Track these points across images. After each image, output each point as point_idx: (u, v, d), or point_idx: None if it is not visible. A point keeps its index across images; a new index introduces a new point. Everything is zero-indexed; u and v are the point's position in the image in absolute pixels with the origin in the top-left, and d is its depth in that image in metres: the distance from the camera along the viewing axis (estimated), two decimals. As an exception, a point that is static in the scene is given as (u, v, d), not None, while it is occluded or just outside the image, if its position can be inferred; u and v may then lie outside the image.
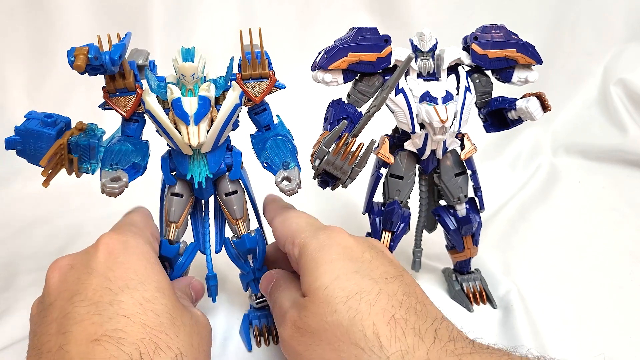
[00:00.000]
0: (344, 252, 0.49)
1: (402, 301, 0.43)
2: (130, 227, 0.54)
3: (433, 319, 0.43)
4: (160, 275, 0.49)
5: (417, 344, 0.39)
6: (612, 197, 1.05)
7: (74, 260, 0.49)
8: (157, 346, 0.41)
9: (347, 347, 0.41)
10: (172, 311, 0.45)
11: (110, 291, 0.44)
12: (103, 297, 0.43)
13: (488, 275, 0.75)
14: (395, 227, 0.67)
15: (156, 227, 0.59)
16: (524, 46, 0.63)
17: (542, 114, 0.61)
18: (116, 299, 0.43)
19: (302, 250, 0.51)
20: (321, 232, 0.52)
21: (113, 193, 0.56)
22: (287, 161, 0.60)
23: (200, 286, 0.61)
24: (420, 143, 0.63)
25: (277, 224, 0.57)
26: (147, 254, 0.51)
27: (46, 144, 0.53)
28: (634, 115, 1.26)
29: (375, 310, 0.42)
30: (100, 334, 0.40)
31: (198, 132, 0.52)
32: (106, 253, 0.48)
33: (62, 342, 0.40)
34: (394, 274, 0.47)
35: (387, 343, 0.40)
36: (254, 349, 0.62)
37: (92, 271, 0.46)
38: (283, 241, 0.55)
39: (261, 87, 0.57)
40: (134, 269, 0.47)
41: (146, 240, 0.53)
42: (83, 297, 0.43)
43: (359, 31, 0.60)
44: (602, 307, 0.70)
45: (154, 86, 0.55)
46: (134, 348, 0.40)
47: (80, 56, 0.47)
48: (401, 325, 0.41)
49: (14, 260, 0.83)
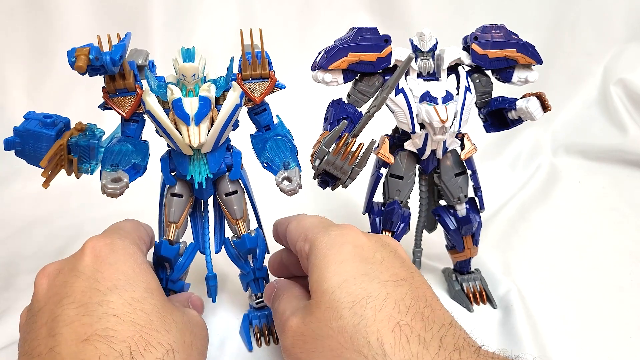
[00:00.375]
0: (355, 251, 0.48)
1: (409, 306, 0.42)
2: (117, 231, 0.54)
3: (440, 325, 0.42)
4: (149, 275, 0.48)
5: (422, 352, 0.39)
6: (612, 197, 1.05)
7: (61, 265, 0.48)
8: (148, 343, 0.41)
9: (350, 355, 0.40)
10: (162, 310, 0.45)
11: (99, 292, 0.44)
12: (92, 298, 0.43)
13: (488, 275, 0.75)
14: (395, 227, 0.67)
15: (145, 232, 0.58)
16: (524, 46, 0.63)
17: (542, 114, 0.61)
18: (105, 299, 0.43)
19: (312, 245, 0.50)
20: (333, 229, 0.51)
21: (114, 194, 0.56)
22: (288, 161, 0.60)
23: (199, 302, 0.60)
24: (420, 143, 0.63)
25: (291, 226, 0.56)
26: (135, 255, 0.50)
27: (45, 145, 0.53)
28: (634, 115, 1.26)
29: (380, 317, 0.41)
30: (90, 334, 0.40)
31: (199, 133, 0.52)
32: (93, 256, 0.47)
33: (52, 345, 0.40)
34: (404, 276, 0.46)
35: (391, 351, 0.39)
36: (254, 348, 0.62)
37: (80, 274, 0.45)
38: (295, 239, 0.54)
39: (261, 88, 0.57)
40: (122, 270, 0.47)
41: (133, 242, 0.52)
42: (72, 300, 0.43)
43: (359, 31, 0.60)
44: (602, 307, 0.70)
45: (154, 86, 0.55)
46: (125, 345, 0.40)
47: (81, 57, 0.47)
48: (406, 332, 0.40)
49: (14, 260, 0.83)
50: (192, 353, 0.46)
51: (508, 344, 0.61)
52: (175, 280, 0.61)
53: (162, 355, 0.41)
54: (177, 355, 0.43)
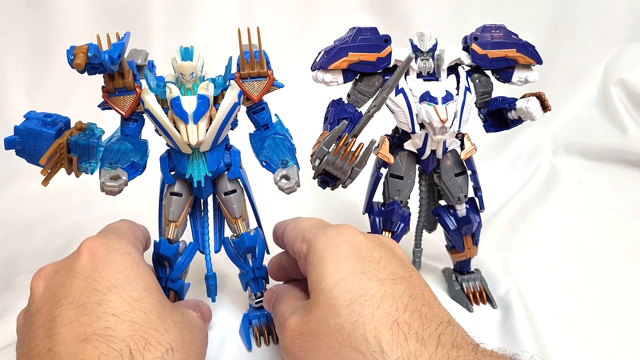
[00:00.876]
0: (352, 250, 0.48)
1: (407, 304, 0.42)
2: (113, 231, 0.53)
3: (438, 323, 0.42)
4: (147, 275, 0.48)
5: (419, 350, 0.39)
6: (612, 197, 1.05)
7: (57, 267, 0.48)
8: (147, 342, 0.41)
9: (348, 352, 0.40)
10: (161, 310, 0.45)
11: (97, 291, 0.43)
12: (90, 298, 0.43)
13: (488, 275, 0.75)
14: (395, 227, 0.67)
15: (141, 233, 0.58)
16: (523, 46, 0.63)
17: (542, 114, 0.61)
18: (104, 299, 0.43)
19: (310, 246, 0.50)
20: (330, 229, 0.51)
21: (112, 191, 0.56)
22: (286, 159, 0.60)
23: (207, 310, 0.59)
24: (420, 143, 0.63)
25: (289, 228, 0.56)
26: (132, 254, 0.50)
27: (45, 144, 0.53)
28: (634, 115, 1.26)
29: (378, 314, 0.41)
30: (89, 334, 0.40)
31: (197, 131, 0.52)
32: (90, 256, 0.47)
33: (51, 345, 0.40)
34: (402, 275, 0.46)
35: (389, 348, 0.39)
36: (254, 348, 0.62)
37: (77, 274, 0.45)
38: (293, 240, 0.54)
39: (260, 86, 0.57)
40: (120, 269, 0.46)
41: (130, 242, 0.52)
42: (70, 300, 0.43)
43: (359, 31, 0.60)
44: (602, 307, 0.69)
45: (153, 85, 0.55)
46: (124, 345, 0.39)
47: (80, 55, 0.47)
48: (404, 330, 0.40)
49: (14, 260, 0.83)
50: (191, 352, 0.46)
51: (508, 343, 0.61)
52: (175, 279, 0.61)
53: (162, 354, 0.41)
54: (176, 354, 0.43)
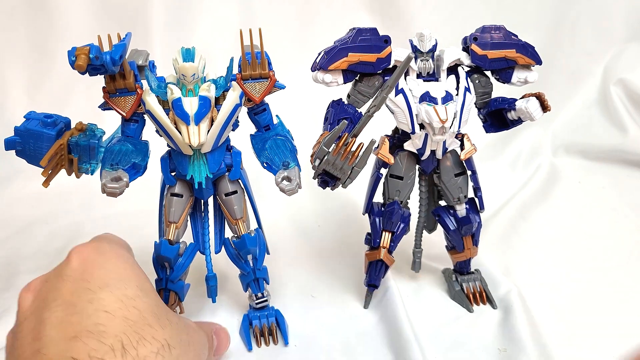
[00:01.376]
0: None
1: None
2: (101, 239, 0.52)
3: None
4: (141, 275, 0.47)
5: None
6: (612, 197, 1.05)
7: (46, 276, 0.46)
8: (141, 337, 0.39)
9: None
10: (156, 309, 0.43)
11: (89, 291, 0.41)
12: (81, 297, 0.41)
13: (488, 275, 0.75)
14: (395, 227, 0.67)
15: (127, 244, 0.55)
16: (523, 47, 0.63)
17: (541, 114, 0.61)
18: (96, 297, 0.41)
19: None
20: None
21: (114, 193, 0.56)
22: (287, 161, 0.60)
23: (225, 335, 0.57)
24: (420, 143, 0.63)
25: None
26: (124, 256, 0.48)
27: (46, 145, 0.53)
28: (634, 115, 1.26)
29: None
30: (79, 331, 0.38)
31: (198, 132, 0.52)
32: (80, 260, 0.45)
33: (39, 347, 0.37)
34: None
35: None
36: (254, 349, 0.62)
37: (67, 277, 0.43)
38: None
39: (261, 87, 0.57)
40: (112, 270, 0.45)
41: (121, 246, 0.51)
42: (60, 302, 0.40)
43: (359, 32, 0.60)
44: (602, 307, 0.70)
45: (154, 86, 0.55)
46: (116, 340, 0.38)
47: (82, 56, 0.47)
48: None
49: (14, 260, 0.83)
50: (188, 351, 0.44)
51: (508, 344, 0.62)
52: (175, 280, 0.61)
53: (157, 349, 0.39)
54: (173, 350, 0.41)
